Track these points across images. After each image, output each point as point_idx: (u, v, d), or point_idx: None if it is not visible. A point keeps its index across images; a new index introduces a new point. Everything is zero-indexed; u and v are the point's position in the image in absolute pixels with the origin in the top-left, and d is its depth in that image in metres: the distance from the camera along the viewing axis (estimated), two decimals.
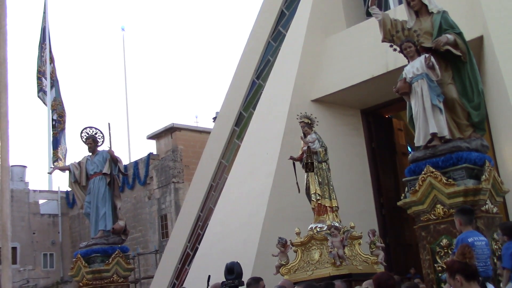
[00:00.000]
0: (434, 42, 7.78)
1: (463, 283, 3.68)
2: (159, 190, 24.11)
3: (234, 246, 12.45)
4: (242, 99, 16.56)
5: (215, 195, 16.28)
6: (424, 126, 7.62)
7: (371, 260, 9.79)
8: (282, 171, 12.02)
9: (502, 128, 11.27)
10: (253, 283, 6.89)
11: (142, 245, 24.12)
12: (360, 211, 13.07)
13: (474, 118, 7.72)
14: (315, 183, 10.09)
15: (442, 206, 7.29)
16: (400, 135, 15.50)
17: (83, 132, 12.70)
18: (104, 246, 12.07)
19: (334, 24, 14.68)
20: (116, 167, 12.49)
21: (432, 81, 7.60)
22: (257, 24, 17.12)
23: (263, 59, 16.45)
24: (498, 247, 7.21)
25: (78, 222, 28.71)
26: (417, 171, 7.65)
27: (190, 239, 16.86)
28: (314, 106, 13.81)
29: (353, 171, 13.84)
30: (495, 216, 7.54)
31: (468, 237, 5.74)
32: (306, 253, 9.98)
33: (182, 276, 16.19)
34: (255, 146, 14.24)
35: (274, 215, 12.57)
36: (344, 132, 14.22)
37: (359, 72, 13.34)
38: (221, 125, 17.11)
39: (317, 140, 10.24)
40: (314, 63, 14.32)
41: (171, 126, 24.21)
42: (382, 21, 8.25)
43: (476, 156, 7.43)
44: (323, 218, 9.99)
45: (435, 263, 7.30)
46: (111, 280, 11.87)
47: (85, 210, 12.56)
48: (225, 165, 16.45)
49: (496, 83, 11.12)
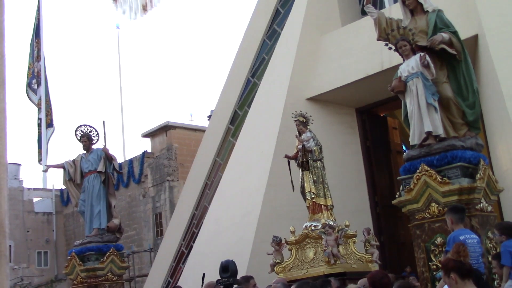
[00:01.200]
0: (429, 41, 7.79)
1: (458, 281, 3.69)
2: (153, 188, 24.07)
3: (229, 244, 12.44)
4: (237, 97, 16.54)
5: (210, 193, 16.26)
6: (419, 124, 7.63)
7: (365, 259, 9.81)
8: (277, 170, 12.01)
9: (497, 126, 11.29)
10: (244, 282, 6.89)
11: (136, 243, 24.07)
12: (355, 210, 13.08)
13: (469, 117, 7.74)
14: (310, 182, 10.10)
15: (437, 205, 7.31)
16: (395, 134, 15.51)
17: (78, 130, 12.67)
18: (99, 244, 12.06)
19: (329, 23, 14.68)
20: (111, 165, 12.48)
21: (427, 80, 7.61)
22: (252, 22, 17.10)
23: (258, 58, 16.43)
24: (492, 245, 7.24)
25: (72, 220, 28.63)
26: (412, 169, 7.66)
27: (184, 237, 16.84)
28: (309, 104, 13.81)
29: (348, 169, 13.85)
30: (490, 214, 7.57)
31: (460, 235, 5.77)
32: (300, 252, 9.99)
33: (176, 275, 16.17)
34: (250, 144, 14.23)
35: (269, 213, 12.57)
36: (339, 131, 14.22)
37: (354, 71, 13.34)
38: (216, 123, 17.09)
39: (312, 138, 10.25)
40: (309, 61, 14.32)
41: (166, 124, 24.16)
42: (377, 20, 8.26)
43: (471, 154, 7.45)
44: (317, 216, 10.01)
45: (429, 262, 7.31)
46: (105, 278, 11.87)
47: (79, 208, 12.54)
48: (220, 163, 16.43)
49: (491, 82, 11.14)
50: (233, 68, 17.15)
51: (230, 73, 17.18)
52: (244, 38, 17.14)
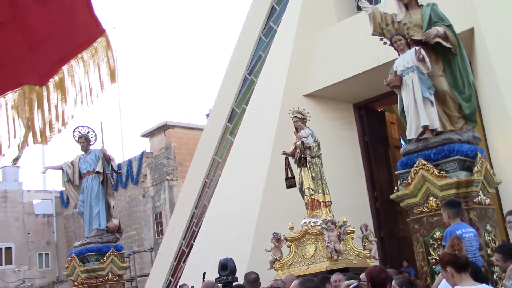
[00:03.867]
0: (424, 35, 7.78)
1: (454, 274, 3.70)
2: (153, 188, 24.08)
3: (229, 242, 12.45)
4: (234, 95, 16.53)
5: (209, 191, 16.26)
6: (415, 118, 7.62)
7: (364, 254, 9.82)
8: (276, 167, 12.01)
9: (494, 119, 11.29)
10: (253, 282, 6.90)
11: (137, 243, 24.09)
12: (354, 205, 13.09)
13: (465, 110, 7.73)
14: (308, 178, 10.10)
15: (435, 199, 7.30)
16: (393, 129, 15.50)
17: (76, 131, 12.64)
18: (99, 244, 12.04)
19: (325, 19, 14.66)
20: (109, 165, 12.45)
21: (423, 74, 7.60)
22: (248, 20, 17.09)
23: (254, 55, 16.42)
24: (491, 238, 7.24)
25: (73, 221, 28.64)
26: (409, 164, 7.66)
27: (185, 236, 16.85)
28: (306, 101, 13.80)
29: (347, 165, 13.85)
30: (488, 207, 7.56)
31: (457, 229, 5.76)
32: (300, 248, 9.99)
33: (177, 274, 16.18)
34: (248, 142, 14.23)
35: (268, 210, 12.58)
36: (336, 126, 14.22)
37: (350, 66, 13.33)
38: (214, 122, 17.09)
39: (310, 135, 10.24)
40: (306, 58, 14.31)
41: (164, 123, 24.17)
42: (372, 15, 8.24)
43: (468, 148, 7.44)
44: (316, 213, 10.01)
45: (428, 256, 7.31)
46: (106, 279, 11.86)
47: (78, 209, 12.52)
48: (219, 162, 16.43)
49: (488, 75, 11.14)
50: (230, 66, 17.14)
51: (227, 71, 17.17)
52: (241, 36, 17.13)
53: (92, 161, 12.38)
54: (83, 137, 12.57)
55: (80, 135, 12.60)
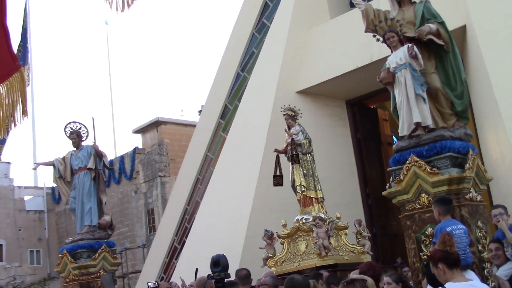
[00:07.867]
0: (417, 32, 7.79)
1: (446, 271, 3.71)
2: (145, 184, 24.01)
3: (221, 239, 12.44)
4: (227, 91, 16.52)
5: (202, 188, 16.25)
6: (407, 115, 7.63)
7: (357, 250, 9.85)
8: (268, 163, 11.99)
9: (486, 116, 11.33)
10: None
11: (129, 239, 24.02)
12: (347, 202, 13.11)
13: (457, 107, 7.75)
14: (300, 175, 10.12)
15: (427, 195, 7.32)
16: (386, 125, 15.54)
17: (67, 127, 12.59)
18: (90, 241, 12.01)
19: (318, 16, 14.66)
20: (101, 161, 12.42)
21: (415, 71, 7.61)
22: (241, 16, 17.06)
23: (247, 51, 16.40)
24: (482, 234, 7.28)
25: (64, 218, 28.51)
26: (401, 160, 7.68)
27: (177, 232, 16.84)
28: (299, 97, 13.81)
29: (339, 162, 13.87)
30: (479, 204, 7.59)
31: (447, 226, 5.79)
32: (292, 245, 10.01)
33: (170, 270, 16.17)
34: (240, 138, 14.22)
35: (261, 207, 12.58)
36: (329, 123, 14.24)
37: (343, 63, 13.34)
38: (207, 118, 17.07)
39: (301, 132, 10.27)
40: (299, 54, 14.31)
41: (157, 120, 24.08)
42: (365, 11, 8.24)
43: (460, 144, 7.47)
44: (308, 209, 10.03)
45: (420, 252, 7.33)
46: (98, 275, 11.82)
47: (70, 205, 12.48)
48: (211, 158, 16.42)
49: (480, 72, 11.18)
50: (222, 62, 17.12)
51: (220, 67, 17.14)
52: (233, 32, 17.10)
53: (84, 157, 12.34)
54: (74, 133, 12.53)
55: (72, 131, 12.55)
